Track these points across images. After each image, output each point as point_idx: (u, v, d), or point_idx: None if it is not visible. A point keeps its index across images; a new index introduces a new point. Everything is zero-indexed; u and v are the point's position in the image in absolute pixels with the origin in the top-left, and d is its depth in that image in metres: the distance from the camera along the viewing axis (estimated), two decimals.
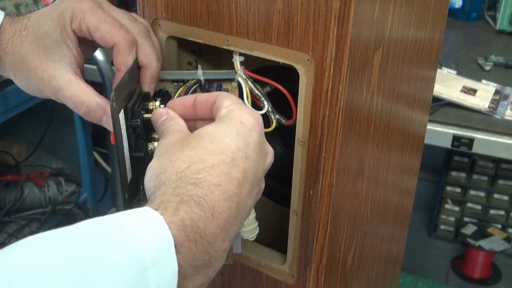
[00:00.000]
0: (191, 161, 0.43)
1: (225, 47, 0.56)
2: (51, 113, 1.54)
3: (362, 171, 0.60)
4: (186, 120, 0.50)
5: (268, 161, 0.48)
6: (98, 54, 1.37)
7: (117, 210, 1.63)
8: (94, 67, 1.41)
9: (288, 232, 0.59)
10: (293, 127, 0.55)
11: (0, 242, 1.34)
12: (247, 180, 0.44)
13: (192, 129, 0.50)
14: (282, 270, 0.61)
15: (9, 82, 1.33)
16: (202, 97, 0.50)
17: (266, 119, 0.58)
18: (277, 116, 0.58)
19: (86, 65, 1.49)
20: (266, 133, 0.50)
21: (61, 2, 0.53)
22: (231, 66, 0.58)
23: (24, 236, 1.21)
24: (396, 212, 0.79)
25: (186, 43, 0.60)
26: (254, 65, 0.59)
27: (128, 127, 0.50)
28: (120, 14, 0.55)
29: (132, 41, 0.53)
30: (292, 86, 0.55)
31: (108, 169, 1.75)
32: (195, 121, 0.51)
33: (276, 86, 0.57)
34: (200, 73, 0.57)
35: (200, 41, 0.57)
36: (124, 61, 0.52)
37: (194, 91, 0.59)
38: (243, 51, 0.55)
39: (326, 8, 0.48)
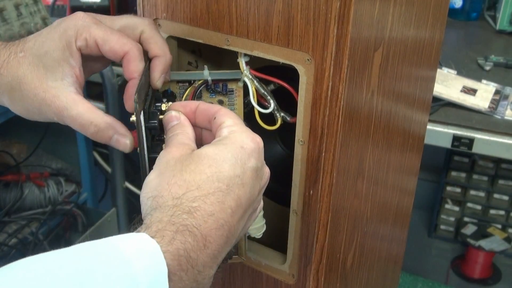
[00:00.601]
0: (188, 187, 0.43)
1: (225, 47, 0.56)
2: None
3: (362, 171, 0.60)
4: None
5: (263, 182, 0.49)
6: None
7: (117, 210, 1.63)
8: None
9: (288, 232, 0.59)
10: (293, 127, 0.55)
11: (0, 242, 1.34)
12: (240, 206, 0.45)
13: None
14: (282, 270, 0.61)
15: None
16: (204, 106, 0.51)
17: (271, 117, 0.58)
18: (282, 114, 0.58)
19: None
20: (267, 132, 0.50)
21: (61, 22, 0.52)
22: (231, 66, 0.58)
23: (24, 236, 1.20)
24: (396, 212, 0.79)
25: (186, 43, 0.60)
26: (255, 64, 0.59)
27: (146, 128, 0.51)
28: (121, 18, 0.55)
29: (141, 48, 0.52)
30: (295, 85, 0.55)
31: (108, 169, 1.75)
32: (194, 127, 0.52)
33: (282, 84, 0.57)
34: (207, 74, 0.57)
35: (200, 41, 0.57)
36: (137, 68, 0.52)
37: (201, 92, 0.59)
38: (243, 51, 0.55)
39: (326, 8, 0.48)
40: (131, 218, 1.70)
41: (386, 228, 0.77)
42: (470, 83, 1.43)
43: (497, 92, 1.39)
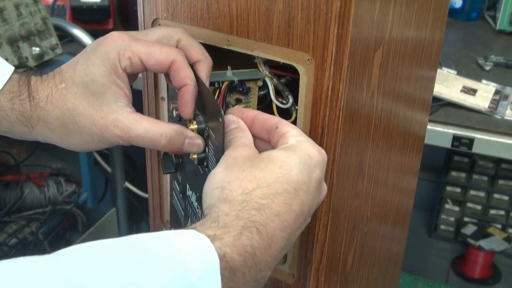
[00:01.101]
0: (258, 184, 0.44)
1: (226, 47, 0.56)
2: None
3: (362, 171, 0.60)
4: None
5: (321, 198, 0.50)
6: None
7: (117, 210, 1.63)
8: None
9: None
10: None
11: (0, 242, 1.34)
12: (302, 213, 0.46)
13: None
14: (282, 270, 0.61)
15: None
16: (263, 116, 0.51)
17: (285, 112, 0.58)
18: (297, 108, 0.58)
19: None
20: None
21: (97, 46, 0.51)
22: (232, 66, 0.58)
23: (24, 236, 1.20)
24: (396, 212, 0.79)
25: None
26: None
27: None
28: (154, 30, 0.54)
29: (184, 54, 0.51)
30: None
31: (108, 169, 1.75)
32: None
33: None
34: (230, 74, 0.57)
35: (201, 41, 0.57)
36: (187, 74, 0.50)
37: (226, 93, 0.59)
38: (243, 51, 0.55)
39: (327, 8, 0.48)
40: (131, 218, 1.70)
41: (386, 228, 0.77)
42: (470, 83, 1.43)
43: (497, 92, 1.39)
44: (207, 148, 0.52)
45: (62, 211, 1.51)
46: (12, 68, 0.53)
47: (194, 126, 0.52)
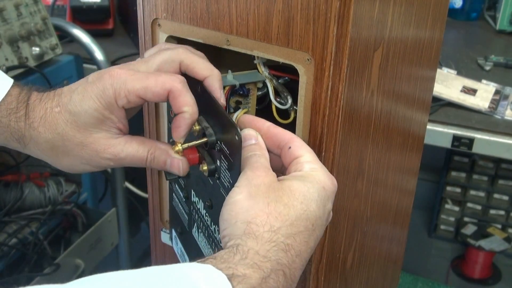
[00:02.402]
0: (283, 221, 0.45)
1: (225, 46, 0.56)
2: None
3: (362, 171, 0.60)
4: None
5: (327, 224, 0.51)
6: (98, 55, 1.37)
7: (117, 210, 1.63)
8: (94, 67, 1.41)
9: None
10: (293, 127, 0.55)
11: (0, 242, 1.34)
12: (315, 246, 0.47)
13: None
14: None
15: None
16: (276, 130, 0.51)
17: (283, 112, 0.59)
18: (295, 108, 0.59)
19: (86, 65, 1.49)
20: (282, 126, 0.51)
21: (96, 80, 0.51)
22: (231, 66, 0.58)
23: (24, 236, 1.20)
24: (396, 212, 0.79)
25: (186, 43, 0.60)
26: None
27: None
28: (155, 57, 0.53)
29: (183, 79, 0.51)
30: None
31: (108, 169, 1.75)
32: None
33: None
34: (231, 78, 0.57)
35: (200, 41, 0.57)
36: (185, 102, 0.50)
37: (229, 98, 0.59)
38: (243, 51, 0.55)
39: (326, 8, 0.48)
40: (131, 218, 1.70)
41: (386, 228, 0.77)
42: (470, 83, 1.43)
43: (497, 92, 1.39)
44: (218, 161, 0.52)
45: (62, 211, 1.51)
46: (11, 82, 0.54)
47: (203, 140, 0.52)
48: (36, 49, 1.28)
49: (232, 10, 0.54)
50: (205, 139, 0.52)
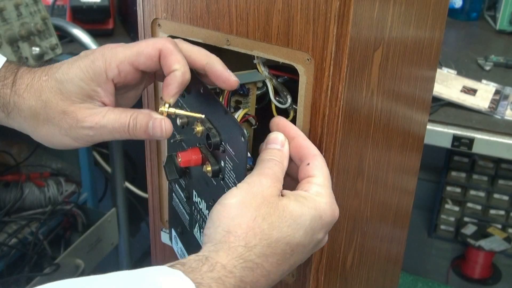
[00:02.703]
0: (261, 240, 0.45)
1: (225, 46, 0.56)
2: None
3: (362, 171, 0.60)
4: None
5: (317, 248, 0.51)
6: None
7: (117, 210, 1.63)
8: None
9: None
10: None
11: (0, 242, 1.34)
12: (289, 269, 0.47)
13: None
14: None
15: None
16: (304, 143, 0.51)
17: (283, 110, 0.58)
18: (294, 107, 0.59)
19: None
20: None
21: (89, 54, 0.51)
22: (231, 66, 0.58)
23: (24, 236, 1.20)
24: (396, 212, 0.79)
25: None
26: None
27: None
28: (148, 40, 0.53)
29: (173, 41, 0.51)
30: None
31: (108, 169, 1.75)
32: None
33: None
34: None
35: (200, 40, 0.57)
36: (177, 59, 0.49)
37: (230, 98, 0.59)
38: (243, 51, 0.55)
39: (326, 8, 0.48)
40: (131, 218, 1.70)
41: (386, 228, 0.77)
42: (470, 83, 1.43)
43: (497, 92, 1.39)
44: (222, 162, 0.52)
45: (62, 211, 1.51)
46: (4, 59, 0.54)
47: (196, 114, 0.51)
48: (36, 49, 1.28)
49: (232, 10, 0.54)
50: (199, 114, 0.52)
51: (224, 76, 0.51)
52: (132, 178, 1.79)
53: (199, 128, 0.52)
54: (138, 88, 0.55)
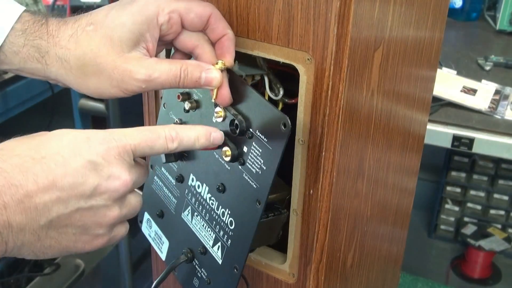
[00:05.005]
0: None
1: None
2: (51, 112, 1.54)
3: (362, 171, 0.60)
4: None
5: (111, 192, 0.46)
6: None
7: None
8: None
9: (288, 231, 0.59)
10: (293, 127, 0.55)
11: None
12: (55, 187, 0.43)
13: None
14: (282, 270, 0.61)
15: (9, 82, 1.33)
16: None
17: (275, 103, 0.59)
18: (285, 100, 0.60)
19: None
20: None
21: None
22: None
23: None
24: (396, 212, 0.79)
25: None
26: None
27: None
28: None
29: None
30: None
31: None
32: None
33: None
34: (237, 69, 0.58)
35: None
36: (227, 24, 0.53)
37: None
38: (243, 51, 0.55)
39: (326, 8, 0.48)
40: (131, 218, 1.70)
41: (386, 228, 0.77)
42: (470, 83, 1.43)
43: (497, 92, 1.39)
44: (245, 148, 0.53)
45: None
46: (22, 8, 0.53)
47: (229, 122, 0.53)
48: None
49: (232, 10, 0.54)
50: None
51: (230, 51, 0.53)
52: None
53: (222, 113, 0.54)
54: (159, 50, 0.56)
